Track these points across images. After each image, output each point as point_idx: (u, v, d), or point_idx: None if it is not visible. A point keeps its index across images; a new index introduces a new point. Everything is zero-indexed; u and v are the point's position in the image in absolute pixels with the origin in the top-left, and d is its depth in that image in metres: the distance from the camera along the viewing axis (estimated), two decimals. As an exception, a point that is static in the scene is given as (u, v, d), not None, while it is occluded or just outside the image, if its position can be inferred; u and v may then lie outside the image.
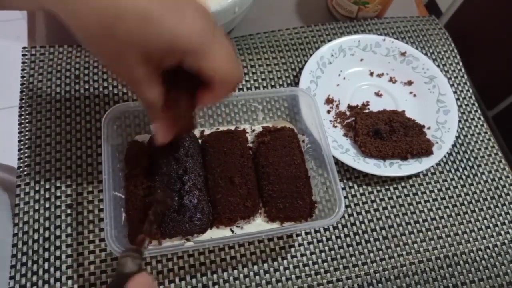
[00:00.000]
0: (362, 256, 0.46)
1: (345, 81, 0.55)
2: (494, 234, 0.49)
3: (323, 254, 0.45)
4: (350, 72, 0.54)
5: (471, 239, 0.48)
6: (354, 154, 0.50)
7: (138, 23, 0.28)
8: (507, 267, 0.47)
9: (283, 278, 0.43)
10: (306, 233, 0.46)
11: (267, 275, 0.43)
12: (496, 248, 0.48)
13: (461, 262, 0.47)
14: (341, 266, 0.45)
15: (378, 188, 0.50)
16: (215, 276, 0.43)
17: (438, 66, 0.58)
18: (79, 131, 0.48)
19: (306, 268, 0.44)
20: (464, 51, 0.61)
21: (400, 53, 0.57)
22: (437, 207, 0.49)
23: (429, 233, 0.48)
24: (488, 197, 0.51)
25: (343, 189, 0.49)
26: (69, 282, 0.41)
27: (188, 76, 0.33)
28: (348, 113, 0.53)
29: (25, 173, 0.45)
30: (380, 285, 0.44)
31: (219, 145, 0.45)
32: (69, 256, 0.42)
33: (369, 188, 0.49)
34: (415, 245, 0.47)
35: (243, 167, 0.44)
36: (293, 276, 0.44)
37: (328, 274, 0.44)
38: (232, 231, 0.43)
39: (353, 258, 0.45)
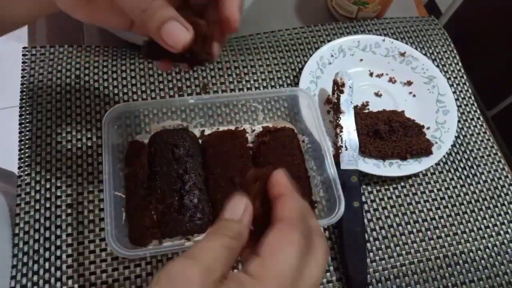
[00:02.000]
0: (362, 256, 0.46)
1: (345, 81, 0.56)
2: (494, 233, 0.49)
3: (323, 253, 0.45)
4: (350, 72, 0.54)
5: (470, 239, 0.48)
6: (354, 154, 0.50)
7: None
8: (506, 267, 0.47)
9: (283, 277, 0.43)
10: (306, 233, 0.46)
11: (267, 275, 0.43)
12: (495, 248, 0.48)
13: (460, 261, 0.47)
14: (341, 266, 0.45)
15: (378, 188, 0.50)
16: (215, 275, 0.43)
17: (437, 66, 0.59)
18: (79, 131, 0.48)
19: (306, 267, 0.44)
20: (464, 51, 0.61)
21: (400, 53, 0.57)
22: (436, 207, 0.50)
23: (429, 232, 0.48)
24: (488, 197, 0.51)
25: (343, 189, 0.49)
26: (70, 281, 0.41)
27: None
28: (348, 113, 0.53)
29: (26, 173, 0.45)
30: (379, 284, 0.45)
31: (219, 145, 0.45)
32: (69, 255, 0.42)
33: (369, 188, 0.50)
34: (415, 245, 0.47)
35: (243, 167, 0.44)
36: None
37: (328, 274, 0.44)
38: (232, 231, 0.43)
39: (353, 258, 0.45)
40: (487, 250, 0.48)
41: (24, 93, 0.50)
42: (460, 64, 0.60)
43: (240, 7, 0.29)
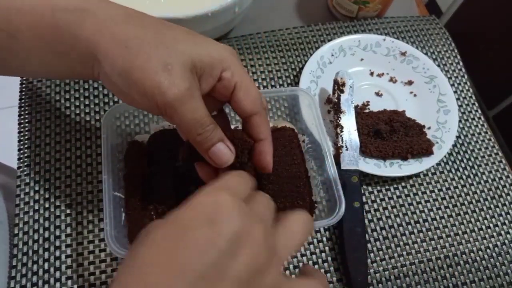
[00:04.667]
0: (362, 256, 0.45)
1: (345, 81, 0.55)
2: (494, 234, 0.49)
3: (323, 254, 0.45)
4: (351, 72, 0.54)
5: (471, 239, 0.48)
6: (354, 154, 0.50)
7: (187, 35, 0.31)
8: (507, 267, 0.47)
9: (283, 278, 0.43)
10: (306, 233, 0.46)
11: (267, 275, 0.43)
12: (496, 248, 0.48)
13: (461, 262, 0.47)
14: (341, 267, 0.44)
15: (378, 188, 0.50)
16: (215, 276, 0.42)
17: (438, 66, 0.58)
18: (78, 131, 0.48)
19: (306, 268, 0.44)
20: (465, 51, 0.61)
21: (401, 52, 0.57)
22: (437, 207, 0.49)
23: (429, 233, 0.48)
24: (488, 197, 0.51)
25: (343, 189, 0.49)
26: (69, 282, 0.41)
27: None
28: (348, 113, 0.53)
29: (25, 173, 0.45)
30: (380, 285, 0.44)
31: (219, 145, 0.45)
32: (68, 256, 0.42)
33: (369, 188, 0.49)
34: (415, 245, 0.47)
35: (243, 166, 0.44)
36: (293, 276, 0.44)
37: (329, 274, 0.44)
38: (232, 231, 0.43)
39: (353, 258, 0.45)
40: (488, 250, 0.48)
41: (24, 93, 0.49)
42: (461, 63, 0.60)
43: (272, 154, 0.35)
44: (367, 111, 0.53)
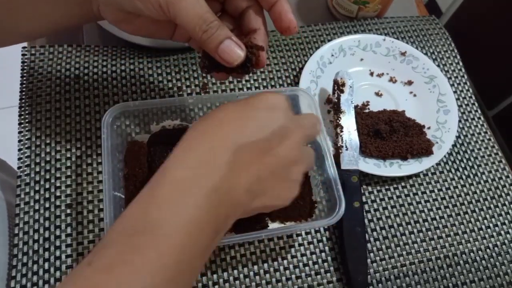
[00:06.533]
0: (362, 256, 0.46)
1: (345, 81, 0.55)
2: (494, 234, 0.49)
3: (323, 254, 0.45)
4: (350, 72, 0.54)
5: (471, 239, 0.48)
6: (354, 154, 0.50)
7: None
8: (507, 267, 0.47)
9: (283, 278, 0.43)
10: (306, 233, 0.46)
11: (267, 275, 0.43)
12: (496, 248, 0.48)
13: (461, 262, 0.47)
14: (341, 266, 0.44)
15: (378, 188, 0.50)
16: (215, 276, 0.43)
17: (438, 66, 0.58)
18: (79, 131, 0.48)
19: (306, 268, 0.44)
20: (464, 51, 0.61)
21: (400, 53, 0.57)
22: (437, 207, 0.49)
23: (429, 233, 0.48)
24: (488, 197, 0.51)
25: (343, 189, 0.49)
26: (69, 282, 0.41)
27: None
28: (348, 113, 0.53)
29: (25, 173, 0.45)
30: (380, 285, 0.44)
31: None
32: (69, 256, 0.42)
33: (369, 188, 0.49)
34: (415, 245, 0.47)
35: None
36: (293, 276, 0.44)
37: (329, 274, 0.44)
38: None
39: (353, 258, 0.45)
40: (487, 250, 0.48)
41: (24, 93, 0.49)
42: (460, 63, 0.60)
43: (291, 12, 0.34)
44: (367, 111, 0.53)
